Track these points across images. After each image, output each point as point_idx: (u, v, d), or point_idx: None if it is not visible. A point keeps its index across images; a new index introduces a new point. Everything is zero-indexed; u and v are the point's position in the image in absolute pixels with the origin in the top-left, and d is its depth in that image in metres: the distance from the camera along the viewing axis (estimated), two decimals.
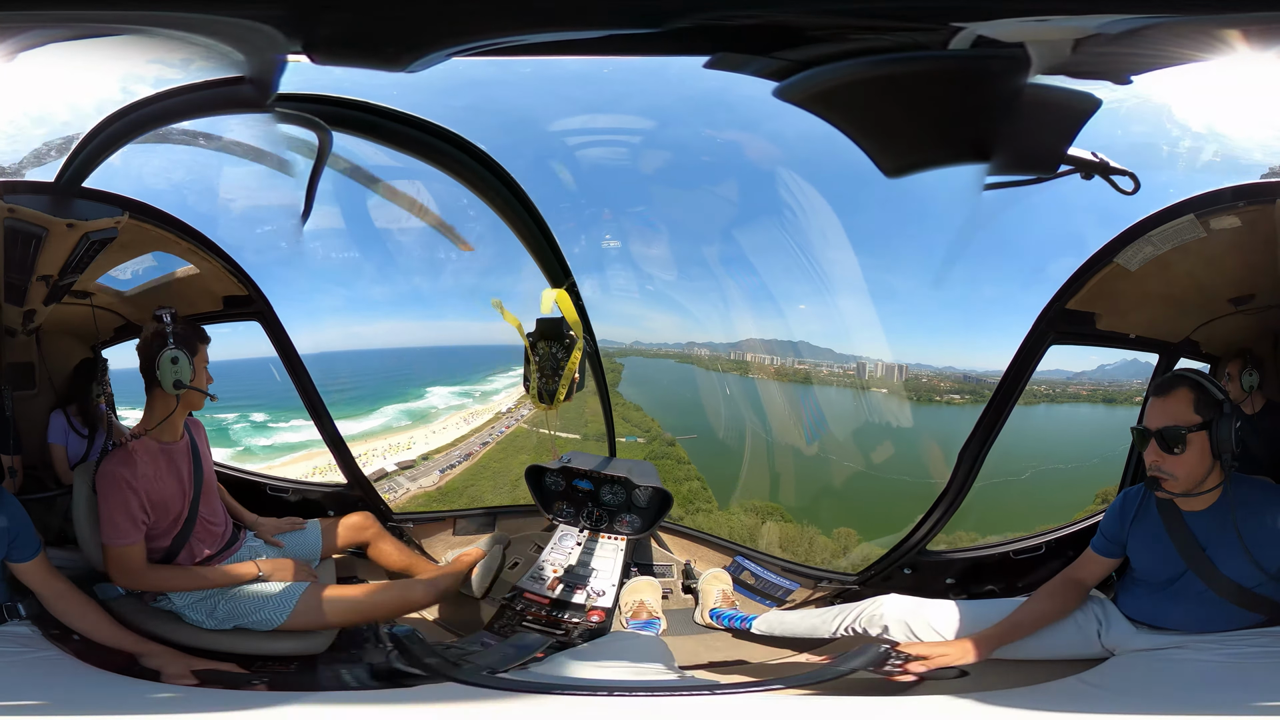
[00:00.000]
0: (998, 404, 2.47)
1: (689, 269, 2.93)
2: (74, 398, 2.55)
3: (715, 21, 2.01)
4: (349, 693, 2.17)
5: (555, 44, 2.22)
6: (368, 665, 2.32)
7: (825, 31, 1.99)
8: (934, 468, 2.66)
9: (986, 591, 2.60)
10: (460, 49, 2.17)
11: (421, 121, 2.61)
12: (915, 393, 2.78)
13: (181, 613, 2.33)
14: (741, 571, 2.75)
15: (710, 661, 2.41)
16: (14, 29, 1.84)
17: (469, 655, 2.39)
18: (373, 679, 2.24)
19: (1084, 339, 2.37)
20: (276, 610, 2.33)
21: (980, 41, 1.85)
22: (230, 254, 2.52)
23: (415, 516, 2.97)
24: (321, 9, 1.98)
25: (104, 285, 2.46)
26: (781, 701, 1.96)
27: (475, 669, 2.23)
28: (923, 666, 2.15)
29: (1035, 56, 1.78)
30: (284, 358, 2.68)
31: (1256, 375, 2.40)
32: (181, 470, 2.35)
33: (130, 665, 2.11)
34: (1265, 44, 1.74)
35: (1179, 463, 2.05)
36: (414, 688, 2.10)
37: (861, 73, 2.02)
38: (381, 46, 2.11)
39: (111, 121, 2.16)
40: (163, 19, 1.85)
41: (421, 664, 2.24)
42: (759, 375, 2.99)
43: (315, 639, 2.35)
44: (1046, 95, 1.87)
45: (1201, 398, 2.05)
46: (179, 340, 2.26)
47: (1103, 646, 2.19)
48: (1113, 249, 2.23)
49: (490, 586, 2.78)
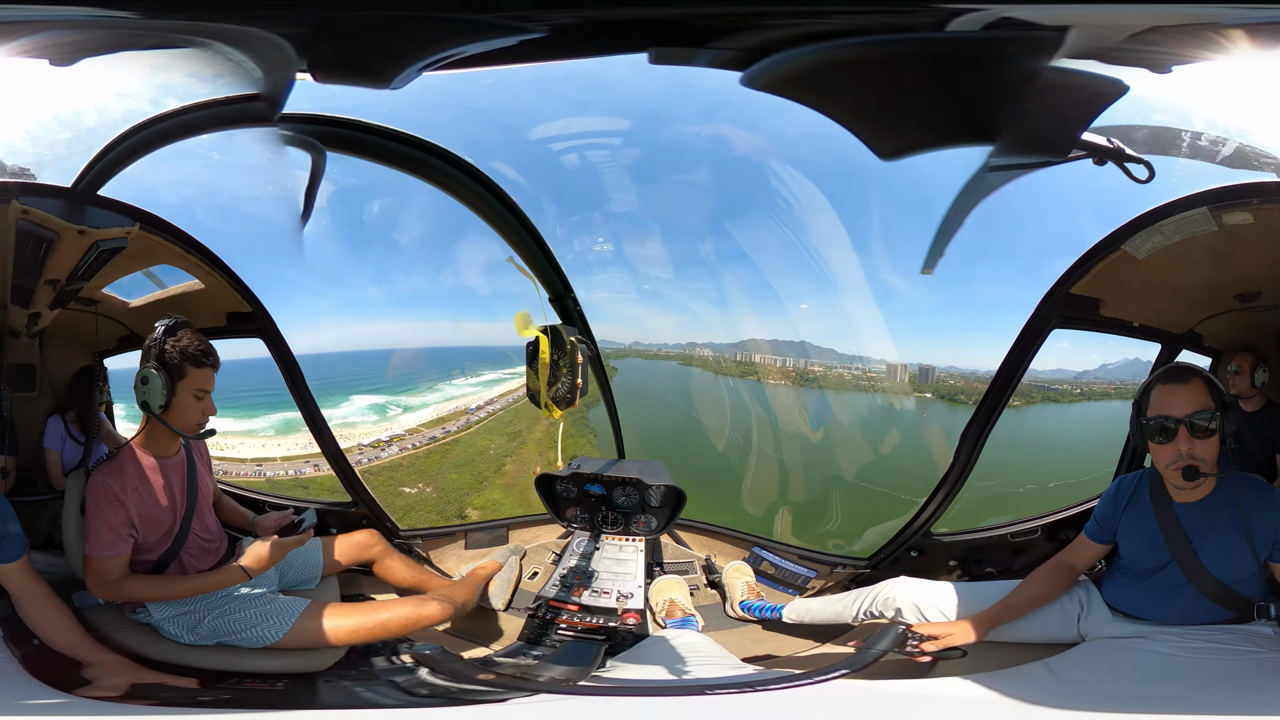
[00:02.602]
0: (999, 387, 2.53)
1: (688, 268, 2.95)
2: (73, 404, 2.47)
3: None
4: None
5: (511, 50, 2.27)
6: (382, 683, 2.26)
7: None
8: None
9: (986, 573, 2.69)
10: (429, 62, 2.21)
11: (411, 137, 2.58)
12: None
13: (159, 626, 2.26)
14: (761, 562, 2.81)
15: (764, 654, 2.46)
16: (68, 36, 1.77)
17: (528, 667, 2.36)
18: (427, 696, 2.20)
19: (1087, 324, 2.44)
20: (272, 627, 2.25)
21: (998, 24, 1.93)
22: (236, 270, 2.44)
23: (424, 532, 2.89)
24: (328, 29, 2.02)
25: (110, 294, 2.39)
26: (843, 687, 2.06)
27: (551, 679, 2.21)
28: (934, 646, 2.26)
29: (1067, 40, 1.86)
30: (286, 375, 2.59)
31: (1267, 372, 2.44)
32: (174, 485, 2.28)
33: (78, 679, 2.07)
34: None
35: (1208, 446, 2.10)
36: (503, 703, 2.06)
37: (844, 54, 2.10)
38: (368, 64, 2.16)
39: (135, 132, 2.13)
40: (206, 29, 1.82)
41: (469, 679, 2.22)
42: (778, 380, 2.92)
43: (314, 657, 2.29)
44: (1062, 79, 1.95)
45: (1213, 387, 2.13)
46: (162, 360, 2.18)
47: (1078, 632, 2.30)
48: (1121, 235, 2.27)
49: (511, 598, 2.75)
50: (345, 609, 2.36)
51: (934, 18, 2.03)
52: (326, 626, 2.28)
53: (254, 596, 2.32)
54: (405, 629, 2.39)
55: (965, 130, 2.24)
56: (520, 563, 2.86)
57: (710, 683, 2.12)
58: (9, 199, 2.16)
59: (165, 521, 2.26)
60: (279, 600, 2.34)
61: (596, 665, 2.29)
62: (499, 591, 2.73)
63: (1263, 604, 2.16)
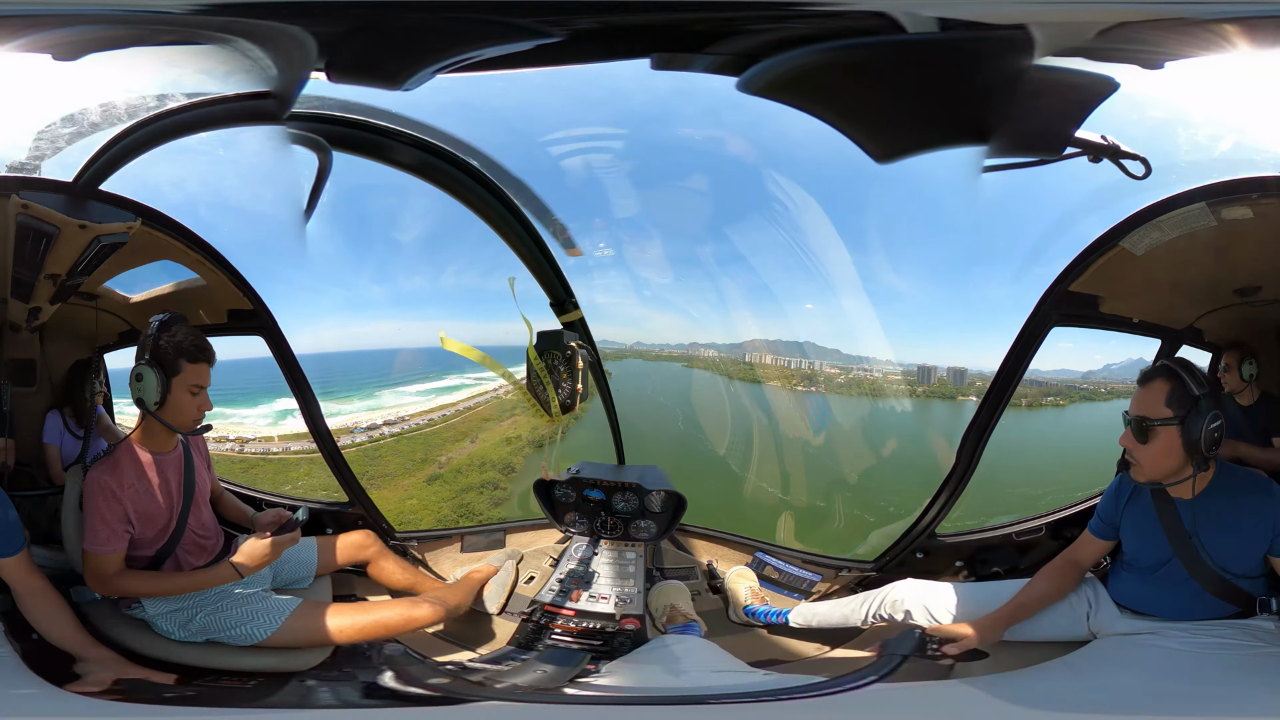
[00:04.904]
0: (999, 388, 2.53)
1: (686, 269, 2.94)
2: (70, 399, 2.47)
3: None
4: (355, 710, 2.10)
5: (525, 55, 2.29)
6: (363, 684, 2.23)
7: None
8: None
9: (992, 573, 2.68)
10: (444, 64, 2.24)
11: (418, 139, 2.61)
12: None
13: (152, 622, 2.24)
14: (764, 567, 2.78)
15: (769, 659, 2.42)
16: (76, 31, 1.80)
17: (506, 672, 2.33)
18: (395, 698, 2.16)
19: (1087, 321, 2.44)
20: (262, 626, 2.23)
21: (981, 24, 1.95)
22: (237, 267, 2.45)
23: (420, 535, 2.87)
24: (362, 30, 2.03)
25: (111, 290, 2.39)
26: (880, 693, 2.04)
27: (531, 684, 2.18)
28: (955, 649, 2.24)
29: (1044, 38, 1.87)
30: (287, 373, 2.59)
31: (1254, 365, 2.46)
32: (170, 482, 2.27)
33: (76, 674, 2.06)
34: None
35: (1144, 452, 2.13)
36: (466, 705, 2.03)
37: (830, 58, 2.10)
38: (386, 65, 2.18)
39: (139, 128, 2.13)
40: (234, 25, 1.84)
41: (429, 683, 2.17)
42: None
43: (301, 657, 2.26)
44: (1054, 78, 1.95)
45: (1176, 391, 2.09)
46: (156, 356, 2.17)
47: (1089, 629, 2.28)
48: (1119, 232, 2.28)
49: (506, 602, 2.71)
50: (336, 609, 2.33)
51: (902, 19, 2.06)
52: (315, 626, 2.26)
53: (245, 595, 2.29)
54: (395, 630, 2.36)
55: (959, 131, 2.25)
56: (516, 567, 2.83)
57: (726, 691, 2.10)
58: (9, 193, 2.17)
59: (161, 518, 2.25)
60: (270, 599, 2.31)
61: (577, 672, 2.27)
62: (494, 595, 2.70)
63: (1264, 598, 2.15)
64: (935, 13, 2.01)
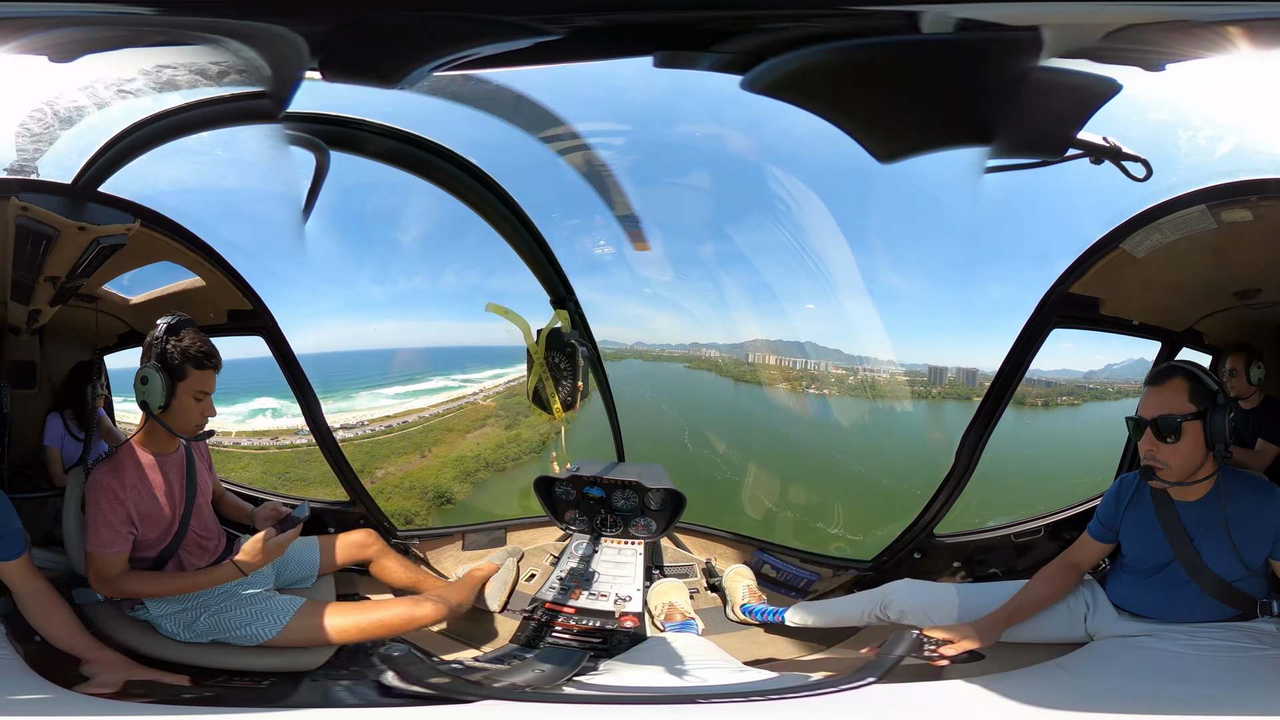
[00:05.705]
0: (998, 390, 2.53)
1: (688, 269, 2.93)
2: (70, 400, 2.47)
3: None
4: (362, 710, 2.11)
5: (523, 53, 2.28)
6: (367, 683, 2.24)
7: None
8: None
9: (990, 574, 2.68)
10: (441, 63, 2.23)
11: (416, 138, 2.60)
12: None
13: (156, 623, 2.26)
14: (763, 565, 2.78)
15: (766, 658, 2.43)
16: (75, 32, 1.79)
17: (507, 670, 2.34)
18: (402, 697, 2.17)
19: (1087, 323, 2.43)
20: (267, 625, 2.25)
21: (986, 25, 1.95)
22: (237, 268, 2.45)
23: (421, 533, 2.88)
24: (352, 28, 2.02)
25: (110, 291, 2.39)
26: (878, 693, 2.05)
27: (531, 683, 2.19)
28: (952, 650, 2.24)
29: (1050, 40, 1.87)
30: (287, 373, 2.59)
31: (1262, 369, 2.43)
32: (173, 483, 2.27)
33: (80, 675, 2.08)
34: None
35: (1173, 452, 2.10)
36: (468, 705, 2.04)
37: (835, 57, 2.11)
38: (381, 64, 2.17)
39: (136, 129, 2.13)
40: (223, 26, 1.83)
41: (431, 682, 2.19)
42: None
43: (305, 656, 2.28)
44: (1056, 79, 1.95)
45: (1196, 388, 2.11)
46: (163, 360, 2.17)
47: (1086, 631, 2.28)
48: (1119, 234, 2.27)
49: (507, 600, 2.73)
50: (339, 608, 2.35)
51: (905, 20, 2.05)
52: (319, 625, 2.28)
53: (250, 595, 2.31)
54: (398, 629, 2.38)
55: (961, 132, 2.24)
56: (518, 565, 2.84)
57: (722, 689, 2.12)
58: (8, 195, 2.17)
59: (164, 519, 2.26)
60: (274, 599, 2.33)
61: (576, 671, 2.27)
62: (495, 593, 2.71)
63: (1265, 601, 2.15)
64: (941, 13, 2.00)
